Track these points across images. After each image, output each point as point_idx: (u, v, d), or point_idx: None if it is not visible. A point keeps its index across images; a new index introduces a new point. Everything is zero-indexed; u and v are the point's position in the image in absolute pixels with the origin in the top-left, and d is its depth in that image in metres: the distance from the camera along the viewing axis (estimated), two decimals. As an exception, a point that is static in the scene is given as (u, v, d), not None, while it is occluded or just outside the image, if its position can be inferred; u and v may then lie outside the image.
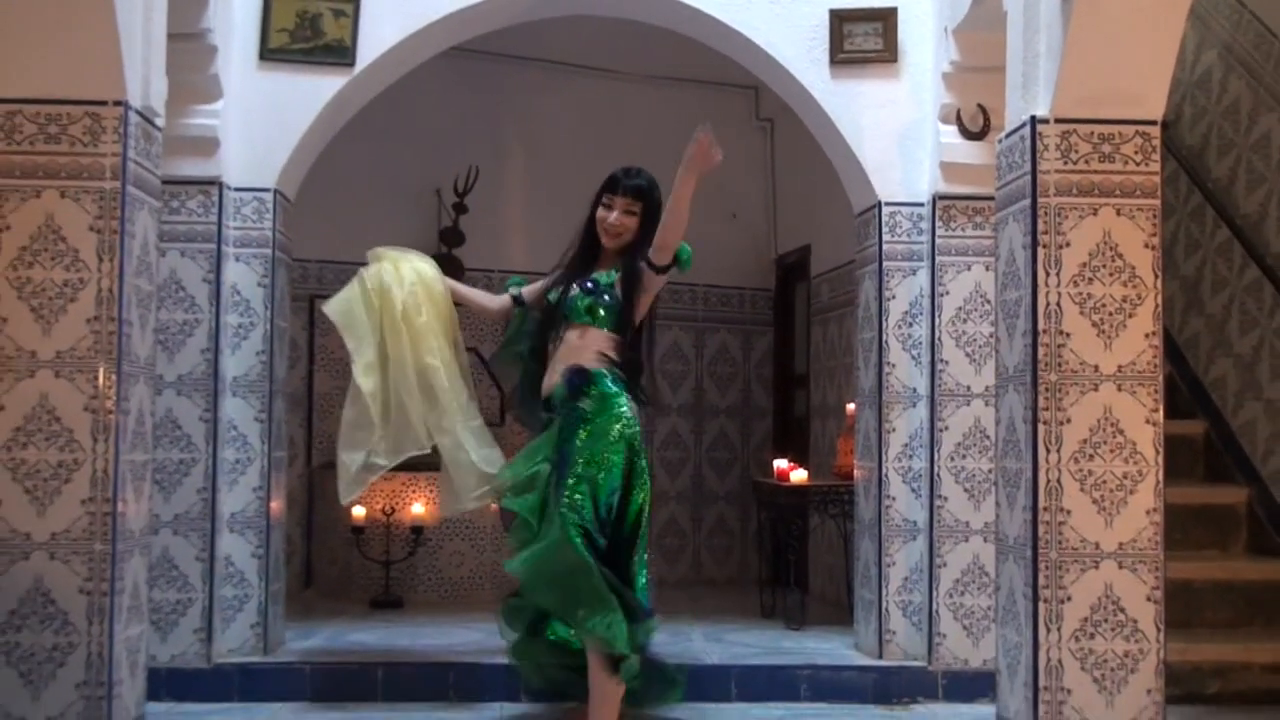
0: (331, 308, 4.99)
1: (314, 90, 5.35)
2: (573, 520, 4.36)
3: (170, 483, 5.10)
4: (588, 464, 4.45)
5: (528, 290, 5.00)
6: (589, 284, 4.69)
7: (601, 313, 4.65)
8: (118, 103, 4.04)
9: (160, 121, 4.38)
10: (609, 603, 4.28)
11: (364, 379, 4.90)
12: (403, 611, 6.73)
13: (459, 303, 5.08)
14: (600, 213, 4.76)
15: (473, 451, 4.92)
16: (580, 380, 4.58)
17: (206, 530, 5.15)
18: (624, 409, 4.53)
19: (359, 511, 6.87)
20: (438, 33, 5.52)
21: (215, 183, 5.20)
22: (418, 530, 6.92)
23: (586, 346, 4.64)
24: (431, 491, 7.01)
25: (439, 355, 4.89)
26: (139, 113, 4.15)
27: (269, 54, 5.33)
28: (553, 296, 4.78)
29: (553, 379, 4.68)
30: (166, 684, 4.93)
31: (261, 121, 5.32)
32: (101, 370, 4.00)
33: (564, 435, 4.55)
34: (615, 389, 4.57)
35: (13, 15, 3.96)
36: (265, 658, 5.28)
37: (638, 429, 4.58)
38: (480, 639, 5.82)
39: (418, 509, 6.92)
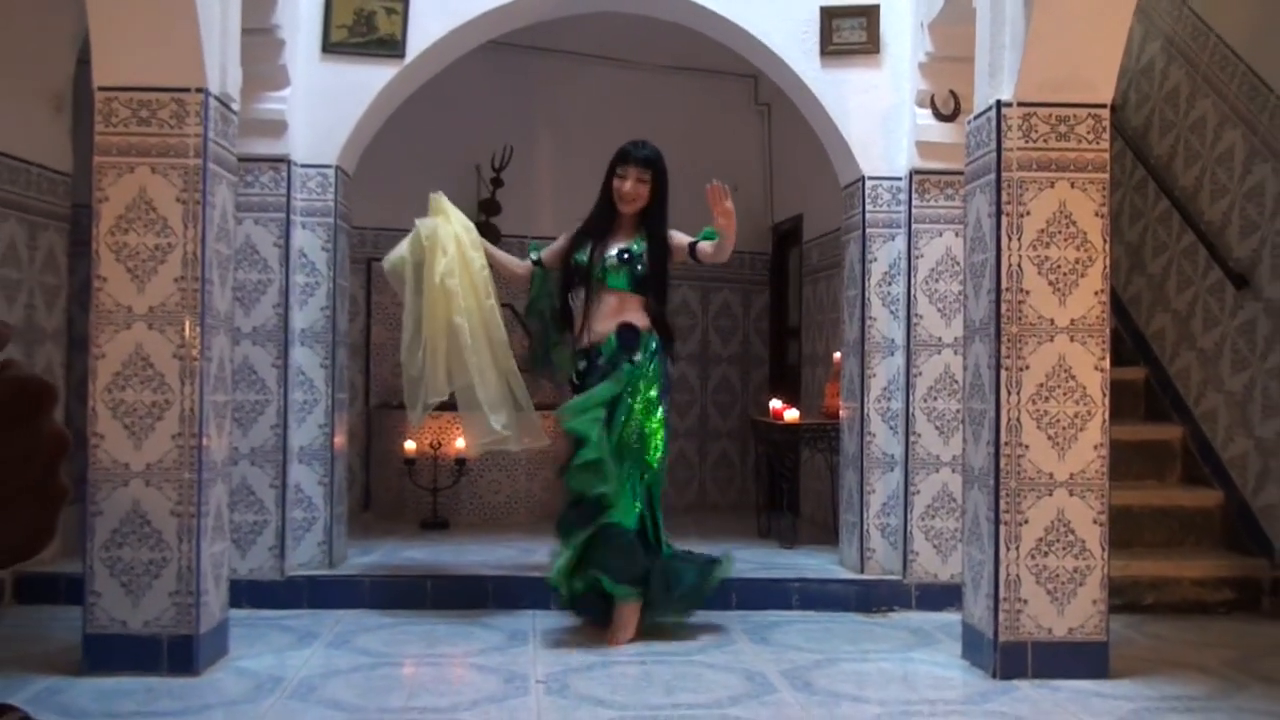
0: (386, 264, 5.06)
1: (369, 79, 5.34)
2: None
3: (247, 420, 5.14)
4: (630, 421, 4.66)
5: (546, 253, 5.04)
6: (625, 254, 4.75)
7: (636, 280, 4.78)
8: (199, 90, 4.06)
9: (236, 106, 4.39)
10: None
11: (405, 353, 4.97)
12: (448, 532, 6.77)
13: (491, 265, 5.08)
14: (615, 183, 4.82)
15: (485, 405, 4.90)
16: (633, 337, 4.74)
17: (279, 461, 5.19)
18: (660, 373, 4.75)
19: (410, 445, 6.91)
20: (477, 28, 5.51)
21: (284, 160, 5.20)
22: (461, 462, 6.96)
23: (627, 310, 4.78)
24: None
25: (465, 314, 4.87)
26: (218, 99, 4.16)
27: (330, 47, 5.32)
28: (581, 257, 4.83)
29: (594, 334, 4.80)
30: (246, 593, 4.97)
31: (324, 106, 5.32)
32: (187, 323, 4.03)
33: (617, 382, 4.70)
34: (655, 351, 4.75)
35: (108, 15, 3.97)
36: (330, 571, 5.34)
37: (666, 388, 4.81)
38: (515, 555, 5.87)
39: (461, 443, 6.95)
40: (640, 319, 4.79)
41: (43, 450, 0.56)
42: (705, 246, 4.85)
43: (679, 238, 4.91)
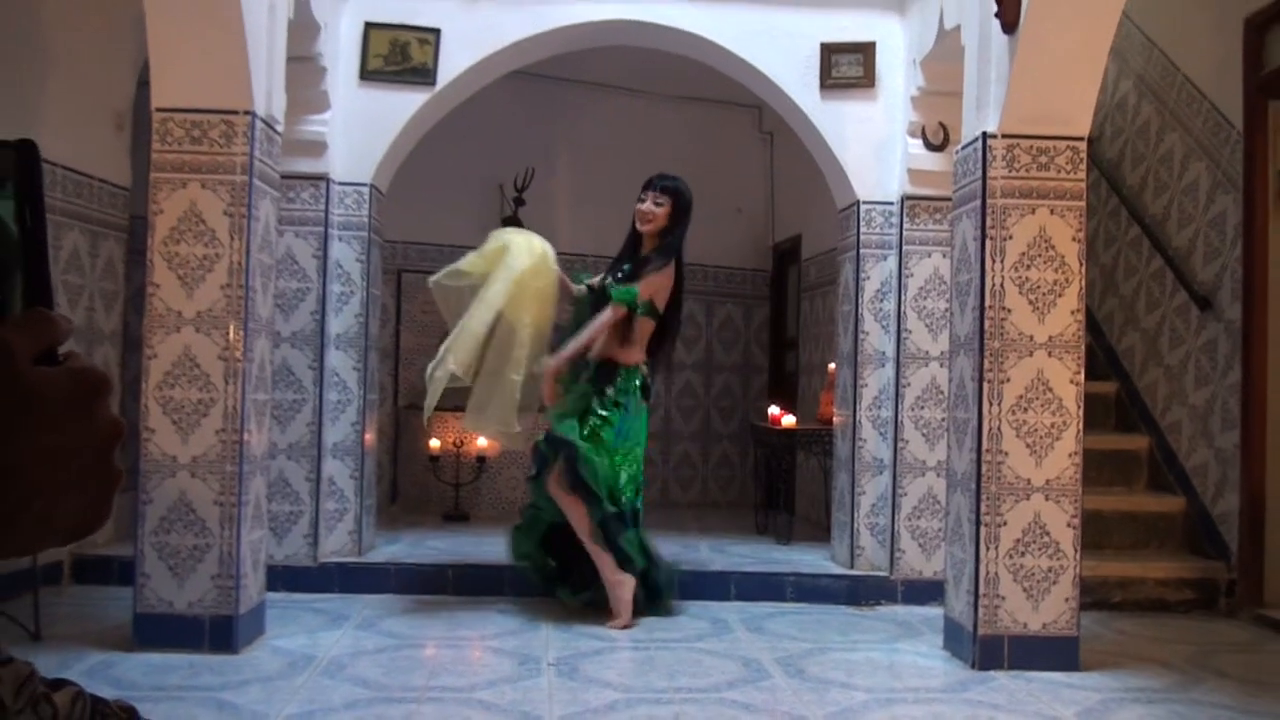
0: (446, 277, 4.77)
1: (403, 104, 5.35)
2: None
3: (285, 418, 5.14)
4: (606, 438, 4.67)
5: (595, 281, 4.97)
6: (620, 274, 4.75)
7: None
8: (247, 112, 4.07)
9: (280, 128, 4.40)
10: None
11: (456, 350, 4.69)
12: (469, 524, 6.76)
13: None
14: (637, 206, 4.83)
15: (505, 401, 4.74)
16: (611, 373, 4.73)
17: (314, 456, 5.19)
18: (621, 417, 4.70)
19: (435, 443, 6.92)
20: (502, 59, 5.51)
21: (323, 178, 5.21)
22: (481, 460, 6.96)
23: (617, 335, 4.74)
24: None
25: (532, 320, 4.71)
26: (263, 120, 4.17)
27: (367, 75, 5.32)
28: (599, 281, 4.85)
29: (592, 352, 4.79)
30: (282, 577, 4.97)
31: (361, 129, 5.32)
32: (232, 327, 4.03)
33: (592, 400, 4.70)
34: (633, 390, 4.73)
35: (167, 43, 3.98)
36: (359, 558, 5.33)
37: (630, 421, 4.73)
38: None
39: (482, 442, 6.95)
40: (627, 353, 4.74)
41: (99, 435, 0.56)
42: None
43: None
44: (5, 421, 0.53)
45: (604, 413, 4.68)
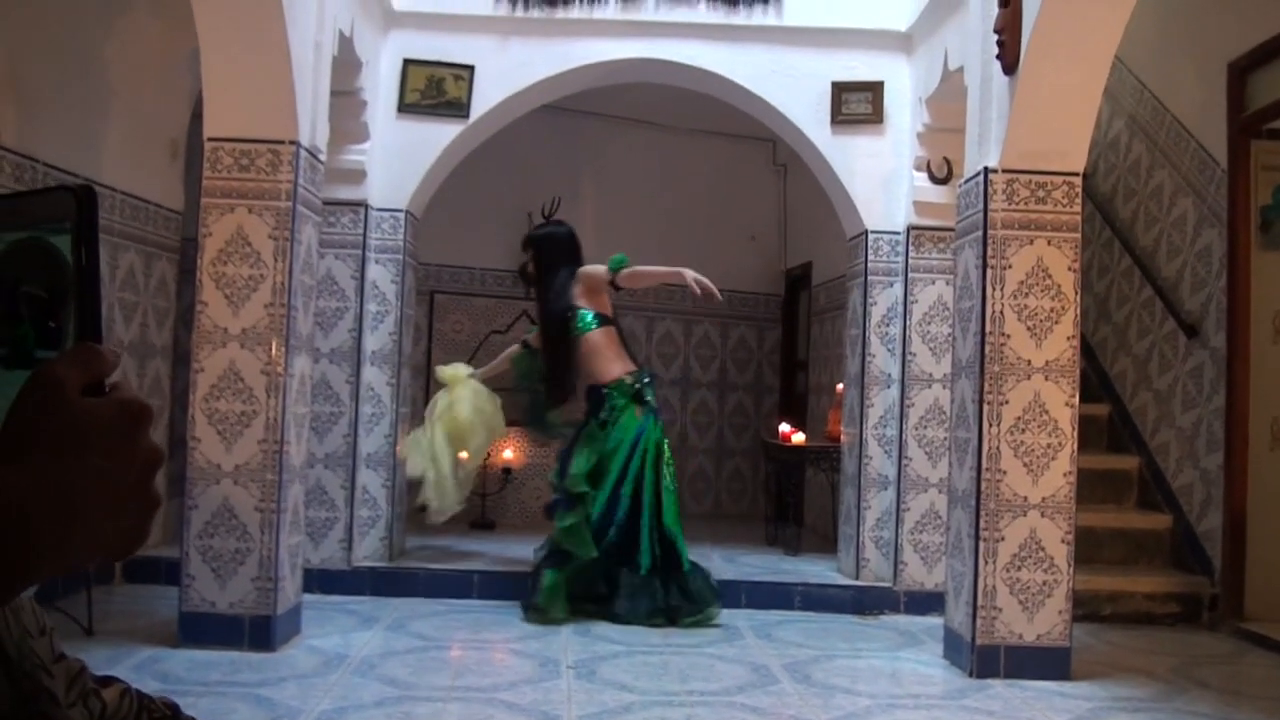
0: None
1: (437, 136, 5.37)
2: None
3: (323, 429, 5.15)
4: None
5: (533, 336, 5.32)
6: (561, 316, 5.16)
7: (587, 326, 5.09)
8: (292, 142, 4.09)
9: (323, 157, 4.42)
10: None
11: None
12: (494, 532, 6.75)
13: (491, 379, 5.57)
14: None
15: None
16: (597, 400, 5.03)
17: (349, 466, 5.19)
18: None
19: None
20: (532, 94, 5.54)
21: (362, 204, 5.23)
22: (507, 471, 6.95)
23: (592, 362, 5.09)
24: (519, 441, 7.05)
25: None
26: (307, 150, 4.18)
27: (405, 108, 5.35)
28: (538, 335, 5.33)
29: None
30: (317, 580, 4.98)
31: (398, 158, 5.34)
32: (274, 343, 4.04)
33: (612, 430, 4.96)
34: (618, 403, 4.98)
35: (219, 77, 4.01)
36: (391, 563, 5.33)
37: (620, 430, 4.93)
38: (552, 553, 5.83)
39: (508, 455, 6.94)
40: (602, 372, 4.99)
41: (141, 461, 0.56)
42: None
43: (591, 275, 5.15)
44: (56, 447, 0.54)
45: (595, 435, 4.93)
